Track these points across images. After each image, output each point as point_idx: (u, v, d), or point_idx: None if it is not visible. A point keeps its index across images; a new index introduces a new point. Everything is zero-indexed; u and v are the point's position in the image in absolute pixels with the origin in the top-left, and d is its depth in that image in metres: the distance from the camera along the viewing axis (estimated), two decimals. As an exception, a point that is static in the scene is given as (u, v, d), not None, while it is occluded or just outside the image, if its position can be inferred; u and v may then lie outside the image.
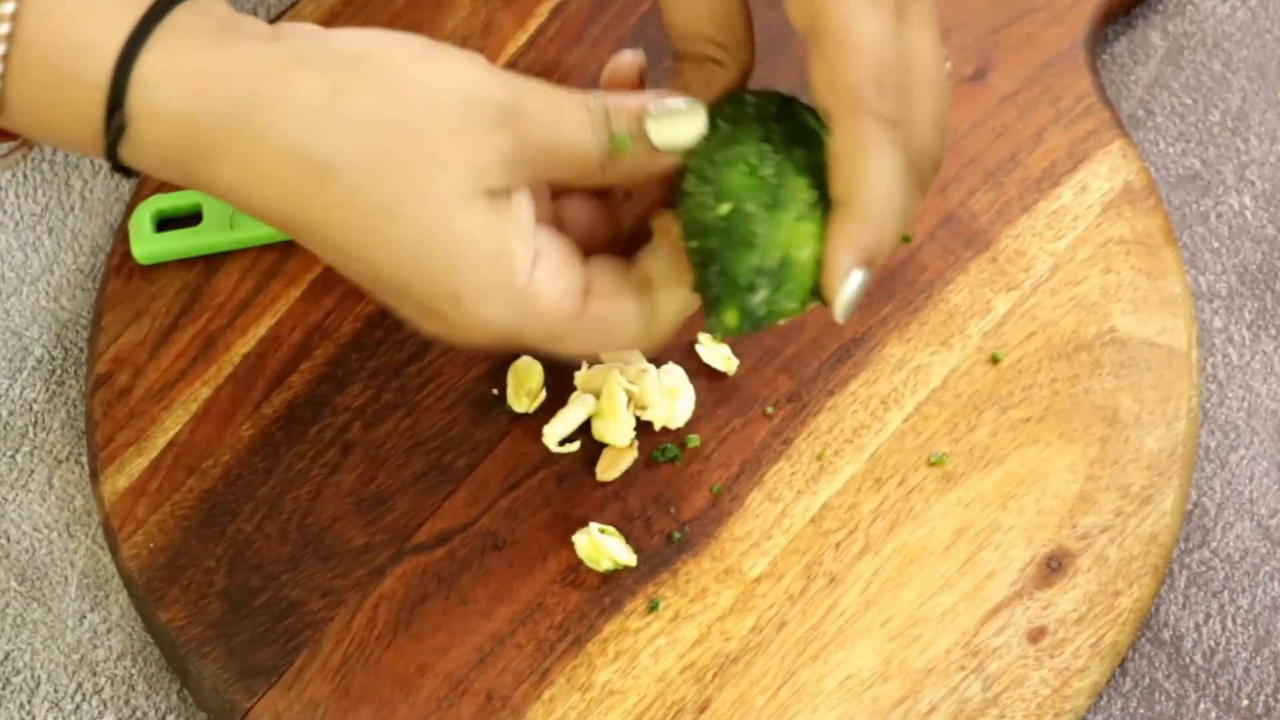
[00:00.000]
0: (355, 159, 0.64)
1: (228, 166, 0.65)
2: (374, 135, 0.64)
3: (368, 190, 0.64)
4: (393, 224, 0.64)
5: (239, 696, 0.77)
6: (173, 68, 0.64)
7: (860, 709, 0.77)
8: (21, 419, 0.85)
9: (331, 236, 0.65)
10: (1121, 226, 0.85)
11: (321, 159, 0.64)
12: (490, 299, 0.66)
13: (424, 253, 0.65)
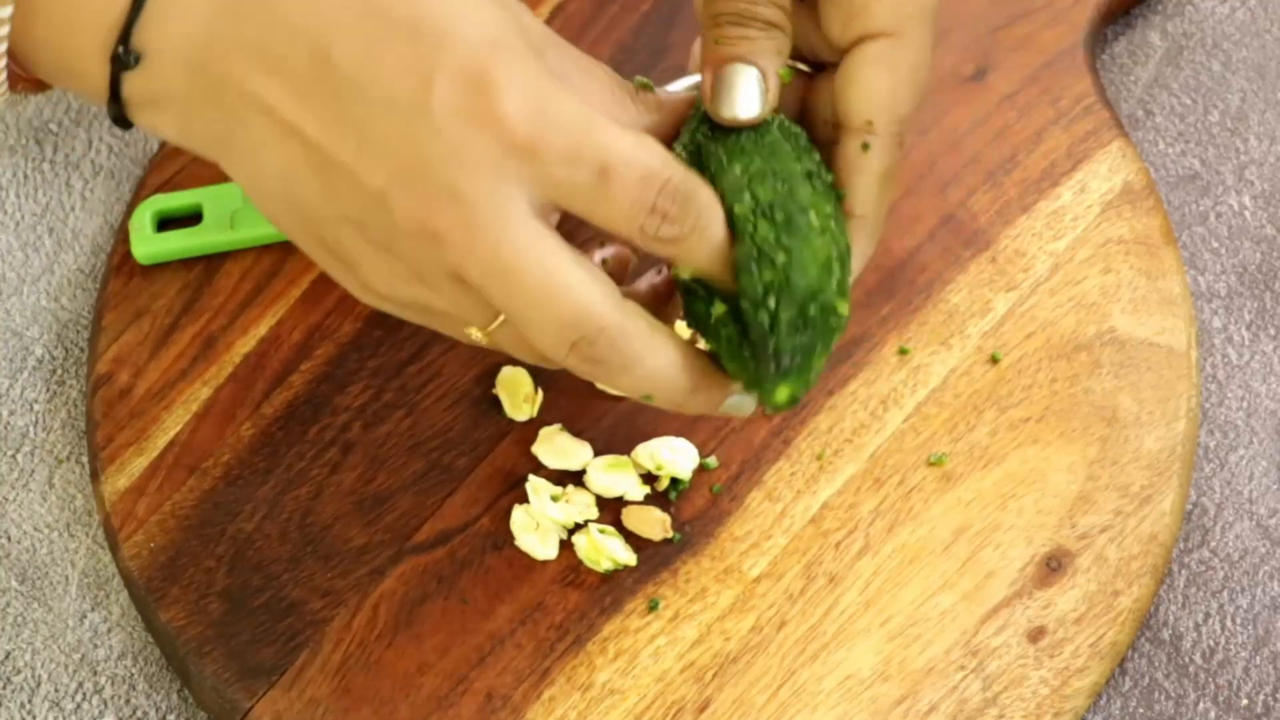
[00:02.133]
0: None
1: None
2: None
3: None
4: None
5: (239, 696, 0.78)
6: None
7: (860, 709, 0.77)
8: (22, 419, 0.85)
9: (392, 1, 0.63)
10: (1121, 227, 0.85)
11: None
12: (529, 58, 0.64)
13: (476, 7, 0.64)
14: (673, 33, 0.90)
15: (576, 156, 0.64)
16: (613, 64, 0.89)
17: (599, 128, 0.64)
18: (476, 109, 0.63)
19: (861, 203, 0.70)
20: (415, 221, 0.64)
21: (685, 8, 0.90)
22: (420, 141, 0.63)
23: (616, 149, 0.64)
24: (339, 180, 0.65)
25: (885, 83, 0.69)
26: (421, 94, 0.63)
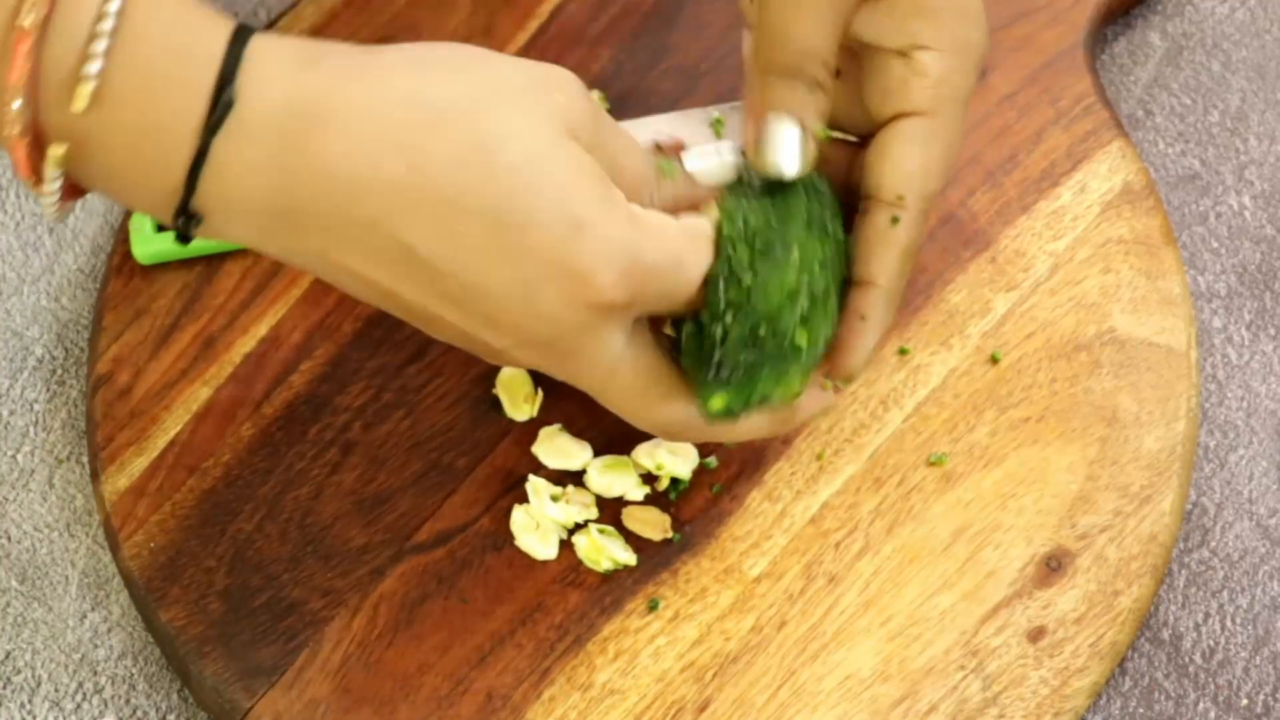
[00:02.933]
0: (463, 98, 0.65)
1: (337, 129, 0.64)
2: (476, 83, 0.66)
3: (479, 124, 0.65)
4: (509, 152, 0.65)
5: (239, 696, 0.78)
6: (279, 49, 0.65)
7: (860, 708, 0.77)
8: (22, 419, 0.85)
9: (446, 189, 0.64)
10: (1121, 227, 0.85)
11: (432, 102, 0.65)
12: (608, 216, 0.66)
13: (542, 175, 0.65)
14: (673, 34, 0.90)
15: (668, 296, 0.69)
16: (612, 64, 0.89)
17: (684, 263, 0.68)
18: (576, 294, 0.66)
19: (883, 273, 0.72)
20: (535, 361, 0.69)
21: (686, 9, 0.90)
22: (522, 319, 0.67)
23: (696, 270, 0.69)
24: (442, 326, 0.69)
25: (918, 160, 0.72)
26: (519, 283, 0.66)
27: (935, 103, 0.71)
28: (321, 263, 0.67)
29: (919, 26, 0.71)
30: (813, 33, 0.70)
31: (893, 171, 0.72)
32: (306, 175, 0.65)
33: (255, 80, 0.64)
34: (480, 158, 0.65)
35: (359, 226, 0.65)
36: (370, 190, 0.65)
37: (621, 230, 0.66)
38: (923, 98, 0.71)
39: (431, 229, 0.65)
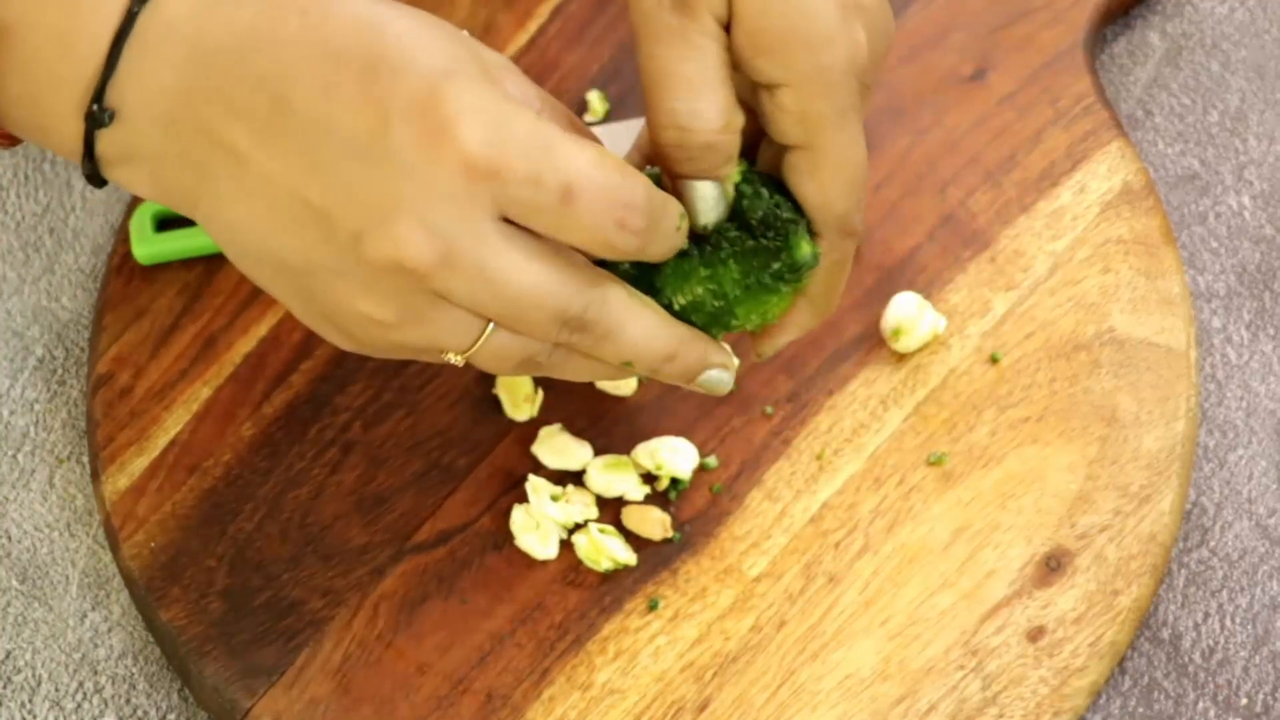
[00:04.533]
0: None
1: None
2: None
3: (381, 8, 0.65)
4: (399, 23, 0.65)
5: (239, 695, 0.78)
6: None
7: (860, 708, 0.77)
8: (23, 419, 0.85)
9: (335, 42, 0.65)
10: (1120, 226, 0.85)
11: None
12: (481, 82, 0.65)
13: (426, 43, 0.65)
14: (673, 33, 0.90)
15: (538, 178, 0.65)
16: (612, 64, 0.89)
17: (558, 145, 0.65)
18: (435, 140, 0.64)
19: (809, 283, 0.72)
20: (393, 259, 0.65)
21: (685, 8, 0.90)
22: (386, 180, 0.64)
23: (577, 167, 0.65)
24: (312, 228, 0.66)
25: (811, 191, 0.71)
26: (380, 131, 0.64)
27: (806, 135, 0.70)
28: (208, 149, 0.66)
29: (765, 64, 0.69)
30: (685, 68, 0.69)
31: (806, 204, 0.71)
32: (217, 36, 0.65)
33: None
34: (375, 24, 0.65)
35: (248, 84, 0.65)
36: (265, 45, 0.65)
37: (494, 96, 0.65)
38: (793, 133, 0.70)
39: (310, 81, 0.64)
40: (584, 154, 0.65)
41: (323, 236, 0.66)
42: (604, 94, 0.89)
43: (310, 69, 0.65)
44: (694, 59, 0.68)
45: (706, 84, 0.69)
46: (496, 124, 0.64)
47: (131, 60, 0.65)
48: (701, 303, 0.71)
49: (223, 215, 0.67)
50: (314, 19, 0.65)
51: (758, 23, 0.68)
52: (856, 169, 0.71)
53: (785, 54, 0.68)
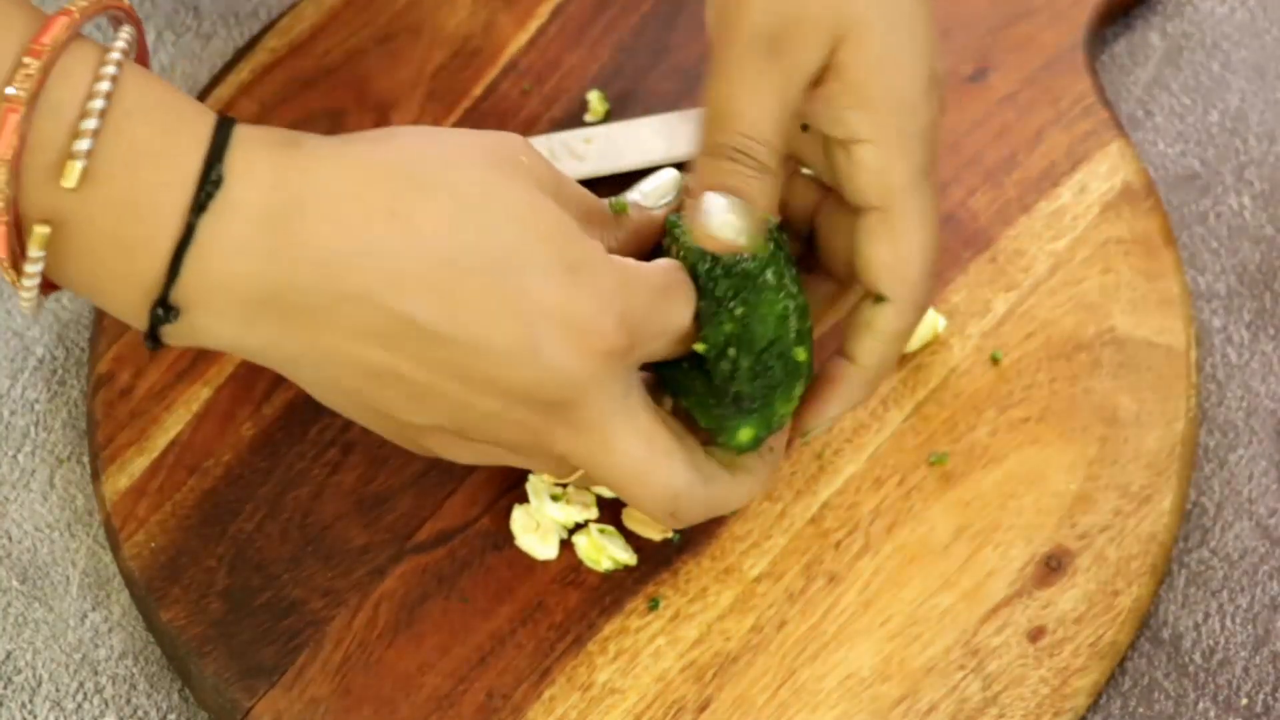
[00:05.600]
0: (440, 163, 0.66)
1: (324, 205, 0.64)
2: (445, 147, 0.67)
3: (460, 184, 0.65)
4: (493, 209, 0.65)
5: (240, 696, 0.78)
6: (263, 133, 0.65)
7: (860, 708, 0.77)
8: (23, 419, 0.85)
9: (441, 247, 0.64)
10: (1120, 227, 0.85)
11: (413, 167, 0.65)
12: (599, 266, 0.66)
13: (530, 227, 0.65)
14: (673, 34, 0.90)
15: (663, 334, 0.69)
16: (612, 65, 0.89)
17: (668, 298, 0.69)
18: (582, 345, 0.66)
19: (863, 354, 0.73)
20: (529, 431, 0.68)
21: (685, 9, 0.90)
22: (525, 376, 0.66)
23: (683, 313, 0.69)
24: (438, 402, 0.67)
25: (887, 256, 0.71)
26: (522, 337, 0.65)
27: (883, 197, 0.71)
28: (310, 352, 0.66)
29: (855, 119, 0.70)
30: (758, 118, 0.70)
31: (866, 268, 0.72)
32: (295, 253, 0.64)
33: (242, 160, 0.63)
34: (470, 216, 0.65)
35: (350, 302, 0.64)
36: (361, 262, 0.64)
37: (611, 274, 0.66)
38: (870, 193, 0.71)
39: (429, 294, 0.64)
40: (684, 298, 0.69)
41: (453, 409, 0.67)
42: (604, 94, 0.89)
43: (426, 283, 0.64)
44: (765, 104, 0.70)
45: (770, 129, 0.70)
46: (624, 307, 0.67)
47: (193, 271, 0.64)
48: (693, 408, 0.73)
49: (321, 384, 0.68)
50: (403, 222, 0.64)
51: (860, 76, 0.70)
52: (932, 236, 0.71)
53: (877, 111, 0.70)
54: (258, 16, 0.93)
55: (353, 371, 0.66)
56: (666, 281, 0.69)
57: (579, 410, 0.67)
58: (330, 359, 0.66)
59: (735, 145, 0.70)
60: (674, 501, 0.70)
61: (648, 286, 0.68)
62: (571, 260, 0.66)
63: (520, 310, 0.65)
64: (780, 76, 0.69)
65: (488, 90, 0.89)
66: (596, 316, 0.66)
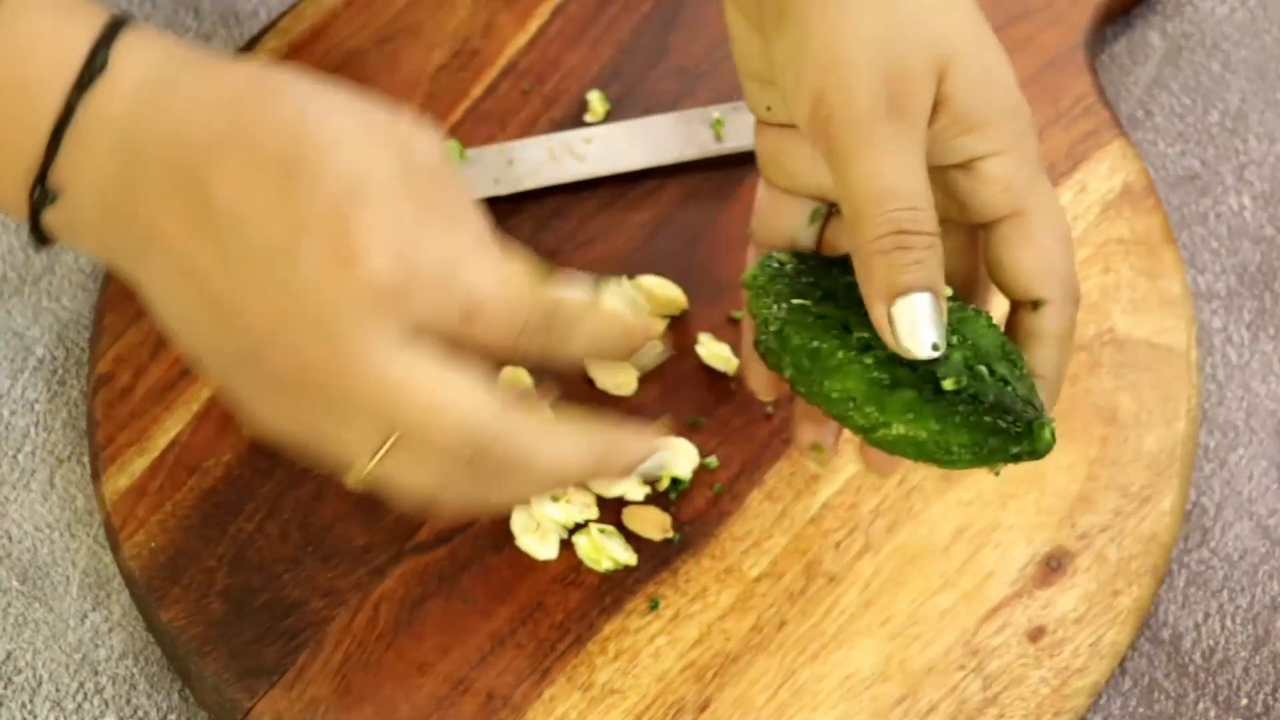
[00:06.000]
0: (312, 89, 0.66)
1: (186, 91, 0.65)
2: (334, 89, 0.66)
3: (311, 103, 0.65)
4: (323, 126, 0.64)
5: (240, 696, 0.78)
6: (159, 35, 0.67)
7: (860, 708, 0.77)
8: (23, 419, 0.85)
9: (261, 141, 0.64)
10: (1121, 227, 0.85)
11: (279, 81, 0.65)
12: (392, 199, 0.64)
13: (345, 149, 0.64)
14: (673, 34, 0.90)
15: (441, 299, 0.65)
16: (613, 64, 0.89)
17: (463, 267, 0.65)
18: (342, 261, 0.64)
19: (1042, 363, 0.70)
20: (296, 368, 0.65)
21: (685, 8, 0.90)
22: (293, 289, 0.64)
23: (481, 288, 0.65)
24: (227, 322, 0.66)
25: (1030, 259, 0.69)
26: (291, 243, 0.64)
27: (1014, 201, 0.69)
28: (145, 235, 0.66)
29: (971, 142, 0.69)
30: (913, 186, 0.67)
31: (1015, 277, 0.69)
32: (150, 130, 0.65)
33: (130, 48, 0.66)
34: (297, 124, 0.64)
35: (177, 178, 0.65)
36: (195, 143, 0.65)
37: (403, 214, 0.64)
38: (1001, 202, 0.69)
39: (232, 176, 0.64)
40: (487, 273, 0.65)
41: (236, 332, 0.66)
42: (604, 94, 0.89)
43: (232, 168, 0.65)
44: (913, 168, 0.67)
45: (925, 192, 0.67)
46: (402, 246, 0.64)
47: (70, 148, 0.66)
48: (922, 443, 0.68)
49: (157, 293, 0.67)
50: (244, 117, 0.65)
51: (968, 103, 0.68)
52: (1067, 227, 0.70)
53: (990, 127, 0.68)
54: (258, 16, 0.93)
55: (167, 266, 0.66)
56: (470, 254, 0.65)
57: (347, 345, 0.64)
58: (152, 242, 0.66)
59: (903, 226, 0.66)
60: (471, 438, 0.65)
61: (445, 246, 0.65)
62: (371, 188, 0.64)
63: (295, 206, 0.64)
64: (911, 133, 0.67)
65: (488, 90, 0.89)
66: (369, 243, 0.64)
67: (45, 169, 0.66)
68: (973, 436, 0.68)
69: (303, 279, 0.64)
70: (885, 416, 0.68)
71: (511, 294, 0.66)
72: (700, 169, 0.87)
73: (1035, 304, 0.70)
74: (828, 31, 0.67)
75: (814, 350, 0.69)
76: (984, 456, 0.68)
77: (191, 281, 0.66)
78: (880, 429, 0.68)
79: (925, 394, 0.68)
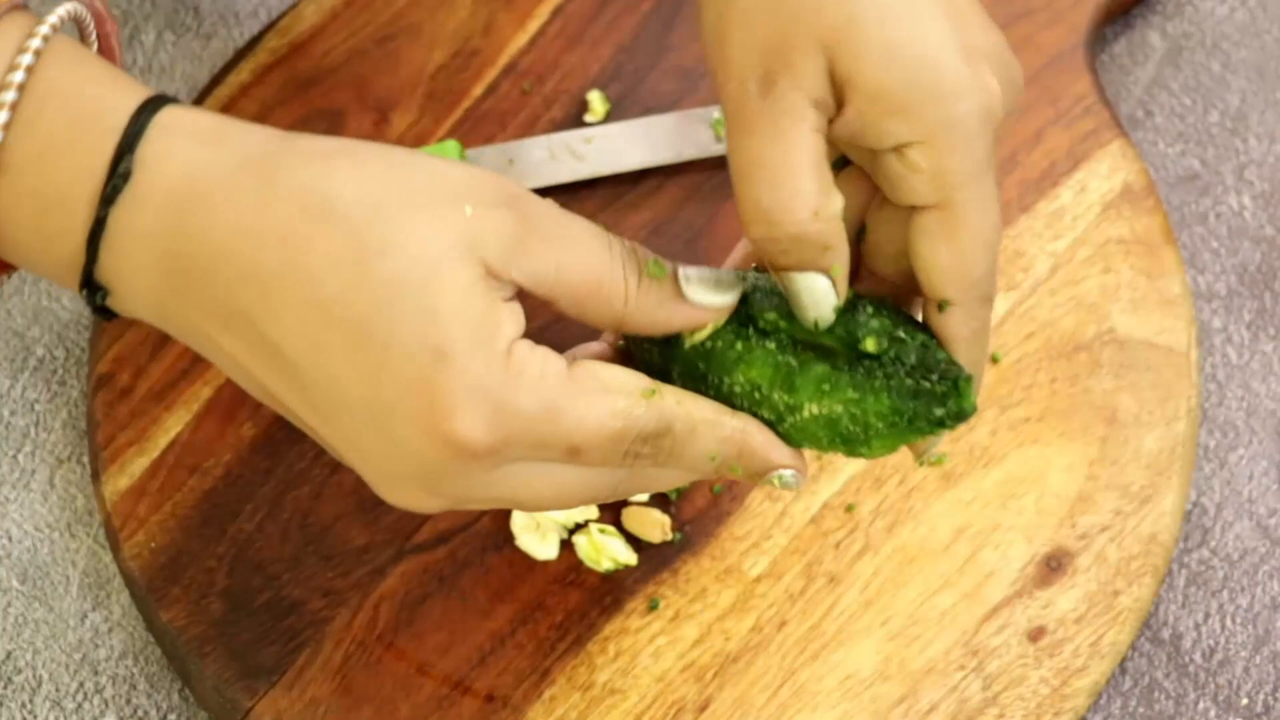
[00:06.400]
0: (358, 201, 0.62)
1: (225, 215, 0.62)
2: (379, 184, 0.62)
3: (367, 230, 0.62)
4: (388, 265, 0.61)
5: (240, 696, 0.78)
6: (188, 123, 0.64)
7: (860, 708, 0.77)
8: (23, 419, 0.85)
9: (316, 295, 0.62)
10: (1121, 227, 0.85)
11: (324, 199, 0.62)
12: (477, 355, 0.61)
13: (414, 294, 0.61)
14: (673, 33, 0.90)
15: (540, 448, 0.63)
16: (612, 64, 0.89)
17: (562, 412, 0.63)
18: (434, 425, 0.62)
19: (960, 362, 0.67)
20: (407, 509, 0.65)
21: (686, 8, 0.90)
22: (389, 447, 0.63)
23: (581, 433, 0.63)
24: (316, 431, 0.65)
25: (945, 256, 0.65)
26: (377, 405, 0.62)
27: (940, 193, 0.64)
28: (210, 345, 0.65)
29: (893, 125, 0.63)
30: (796, 201, 0.63)
31: (926, 272, 0.65)
32: (193, 254, 0.63)
33: (155, 154, 0.63)
34: (356, 264, 0.61)
35: (234, 314, 0.63)
36: (246, 280, 0.62)
37: (491, 370, 0.62)
38: (926, 191, 0.64)
39: (297, 330, 0.62)
40: (588, 412, 0.63)
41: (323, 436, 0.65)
42: (604, 94, 0.89)
43: (293, 320, 0.62)
44: (780, 144, 0.63)
45: (792, 171, 0.63)
46: (495, 407, 0.62)
47: (109, 258, 0.64)
48: (836, 420, 0.65)
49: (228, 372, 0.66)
50: (296, 256, 0.62)
51: (878, 82, 0.63)
52: (994, 229, 0.65)
53: (913, 110, 0.63)
54: (258, 16, 0.93)
55: (245, 377, 0.65)
56: (562, 394, 0.63)
57: (456, 493, 0.64)
58: (226, 357, 0.65)
59: (773, 213, 0.63)
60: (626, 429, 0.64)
61: (537, 393, 0.62)
62: (447, 341, 0.61)
63: (376, 378, 0.62)
64: (782, 112, 0.63)
65: (488, 90, 0.89)
66: (456, 407, 0.61)
67: (90, 272, 0.64)
68: (893, 403, 0.65)
69: (397, 435, 0.62)
70: (796, 398, 0.65)
71: (615, 430, 0.64)
72: (700, 169, 0.87)
73: (941, 305, 0.66)
74: (719, 10, 0.64)
75: (707, 350, 0.67)
76: (904, 426, 0.65)
77: (268, 395, 0.65)
78: (790, 415, 0.66)
79: (839, 365, 0.65)
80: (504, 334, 0.62)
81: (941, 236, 0.65)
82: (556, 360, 0.63)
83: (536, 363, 0.63)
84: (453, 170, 0.63)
